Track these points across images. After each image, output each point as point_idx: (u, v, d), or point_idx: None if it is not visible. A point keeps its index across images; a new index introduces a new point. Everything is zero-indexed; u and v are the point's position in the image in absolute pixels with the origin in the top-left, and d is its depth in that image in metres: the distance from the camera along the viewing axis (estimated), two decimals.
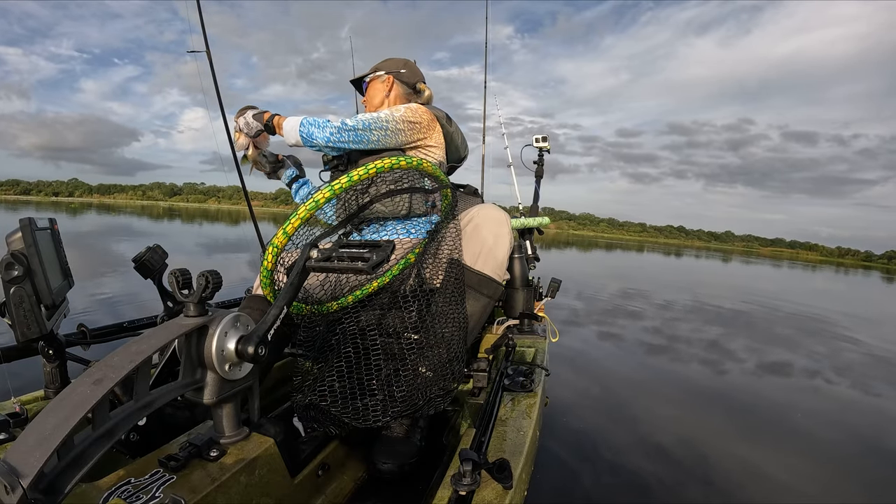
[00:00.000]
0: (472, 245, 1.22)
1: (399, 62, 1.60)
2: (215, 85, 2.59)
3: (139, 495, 0.60)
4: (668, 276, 11.55)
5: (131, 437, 0.91)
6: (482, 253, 1.22)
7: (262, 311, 1.26)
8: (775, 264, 30.33)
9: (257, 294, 1.30)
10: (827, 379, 3.16)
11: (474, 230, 1.23)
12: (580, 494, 1.46)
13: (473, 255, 1.22)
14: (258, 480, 0.73)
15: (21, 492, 0.45)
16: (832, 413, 2.52)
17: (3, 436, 0.80)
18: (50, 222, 0.93)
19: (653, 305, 5.90)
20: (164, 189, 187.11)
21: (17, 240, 0.79)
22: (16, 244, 0.79)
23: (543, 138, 2.89)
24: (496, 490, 0.73)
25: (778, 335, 4.72)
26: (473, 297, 1.21)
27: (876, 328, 6.20)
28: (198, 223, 18.78)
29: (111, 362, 0.60)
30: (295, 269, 0.84)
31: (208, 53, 2.57)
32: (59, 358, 0.98)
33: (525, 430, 0.97)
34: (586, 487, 1.50)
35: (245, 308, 1.28)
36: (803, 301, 8.25)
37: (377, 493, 1.03)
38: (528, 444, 0.93)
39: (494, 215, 1.26)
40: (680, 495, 1.51)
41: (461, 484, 0.69)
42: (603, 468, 1.64)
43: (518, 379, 1.29)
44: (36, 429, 0.51)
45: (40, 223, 0.87)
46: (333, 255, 0.84)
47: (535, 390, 1.23)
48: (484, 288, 1.22)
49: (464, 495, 0.69)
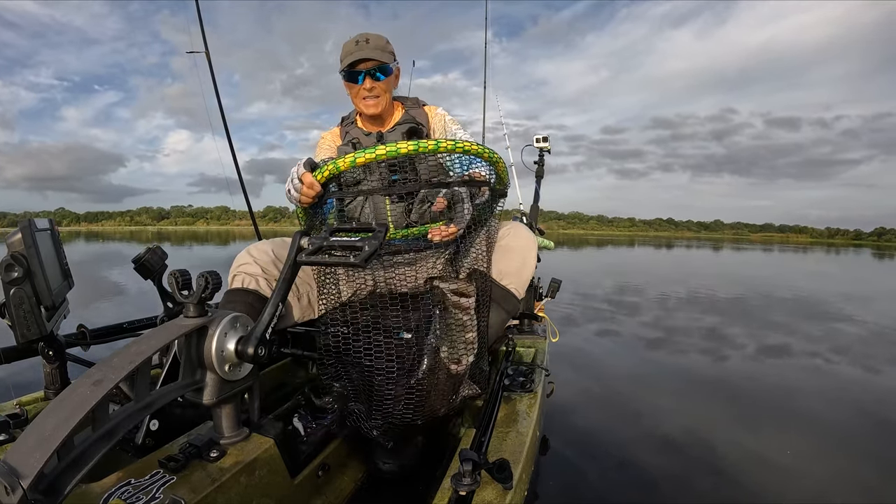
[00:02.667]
0: (501, 262, 1.27)
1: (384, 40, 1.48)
2: (214, 85, 2.60)
3: (139, 496, 0.60)
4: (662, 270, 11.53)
5: (147, 442, 0.89)
6: (510, 272, 1.27)
7: (245, 304, 1.23)
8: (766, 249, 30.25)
9: (236, 288, 1.27)
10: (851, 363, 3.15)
11: (506, 250, 1.29)
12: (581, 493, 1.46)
13: (501, 271, 1.27)
14: (258, 481, 0.73)
15: (21, 492, 0.45)
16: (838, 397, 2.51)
17: (4, 437, 0.80)
18: (50, 224, 0.93)
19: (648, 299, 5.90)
20: (151, 213, 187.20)
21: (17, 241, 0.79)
22: (16, 245, 0.79)
23: (544, 139, 2.90)
24: (496, 490, 0.73)
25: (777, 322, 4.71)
26: (495, 311, 1.25)
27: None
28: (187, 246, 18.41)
29: (111, 363, 0.60)
30: (286, 262, 0.83)
31: (207, 54, 2.58)
32: (59, 359, 0.98)
33: (525, 430, 0.97)
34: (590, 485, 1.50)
35: (227, 304, 1.26)
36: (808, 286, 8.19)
37: (377, 494, 1.03)
38: (528, 444, 0.93)
39: (526, 239, 1.32)
40: (686, 488, 1.51)
41: (461, 484, 0.69)
42: (607, 464, 1.63)
43: (518, 379, 1.29)
44: (36, 429, 0.51)
45: (40, 225, 0.87)
46: (325, 244, 0.82)
47: (535, 390, 1.23)
48: (506, 303, 1.27)
49: (464, 495, 0.69)
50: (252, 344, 0.74)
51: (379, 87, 1.40)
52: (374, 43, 1.37)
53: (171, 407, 0.92)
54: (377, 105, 1.41)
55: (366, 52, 1.35)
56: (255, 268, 1.26)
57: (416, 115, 1.50)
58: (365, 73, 1.37)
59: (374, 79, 1.38)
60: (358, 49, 1.36)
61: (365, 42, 1.37)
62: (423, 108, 1.53)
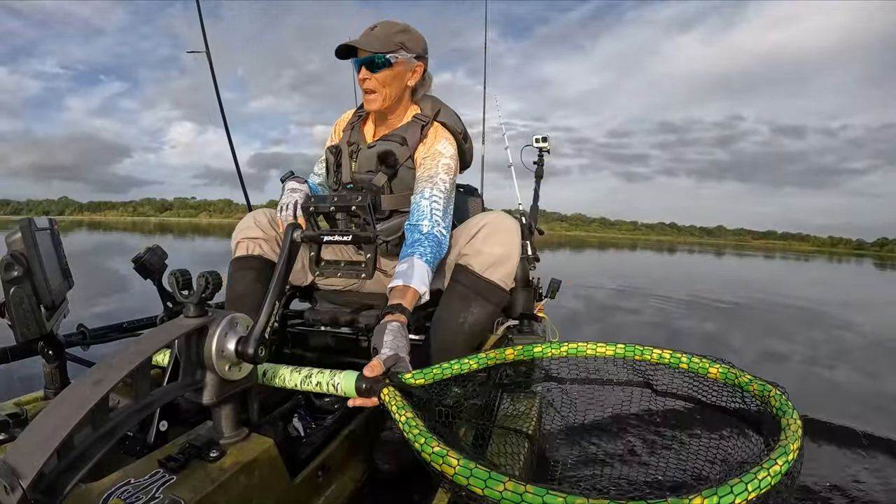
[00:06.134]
0: (483, 253, 1.19)
1: (418, 37, 1.30)
2: (214, 84, 2.60)
3: (139, 496, 0.60)
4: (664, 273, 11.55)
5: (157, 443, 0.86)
6: (493, 262, 1.19)
7: (254, 270, 1.31)
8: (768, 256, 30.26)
9: (240, 256, 1.33)
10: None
11: (486, 238, 1.20)
12: None
13: (483, 263, 1.19)
14: (258, 481, 0.73)
15: (21, 492, 0.45)
16: None
17: (3, 436, 0.79)
18: (50, 223, 0.93)
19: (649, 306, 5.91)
20: (154, 205, 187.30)
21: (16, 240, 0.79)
22: (16, 245, 0.79)
23: (543, 138, 2.90)
24: None
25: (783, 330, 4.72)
26: (481, 305, 1.19)
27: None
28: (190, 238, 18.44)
29: (111, 363, 0.60)
30: (280, 258, 0.84)
31: (208, 53, 2.58)
32: (59, 358, 0.98)
33: (525, 430, 0.97)
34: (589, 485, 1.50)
35: (236, 272, 1.31)
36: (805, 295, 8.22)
37: (377, 494, 1.03)
38: (528, 444, 0.94)
39: (506, 224, 1.22)
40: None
41: None
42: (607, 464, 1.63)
43: (518, 379, 1.29)
44: (36, 429, 0.51)
45: (40, 223, 0.87)
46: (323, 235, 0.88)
47: (534, 391, 1.23)
48: (492, 296, 1.20)
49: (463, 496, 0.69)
50: (252, 344, 0.74)
51: (374, 81, 1.26)
52: (380, 31, 1.25)
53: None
54: (375, 101, 1.28)
55: (358, 41, 1.24)
56: (257, 231, 1.33)
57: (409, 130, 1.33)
58: (361, 61, 1.25)
59: (370, 69, 1.25)
60: (361, 36, 1.26)
61: (370, 29, 1.26)
62: (429, 125, 1.34)
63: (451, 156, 1.30)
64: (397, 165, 1.31)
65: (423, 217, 1.21)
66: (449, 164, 1.29)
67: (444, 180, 1.26)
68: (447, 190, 1.27)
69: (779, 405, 0.67)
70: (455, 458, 0.57)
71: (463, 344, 1.20)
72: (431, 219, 1.20)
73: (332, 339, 1.46)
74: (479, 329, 1.23)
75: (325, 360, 1.47)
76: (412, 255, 1.11)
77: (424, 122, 1.34)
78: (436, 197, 1.23)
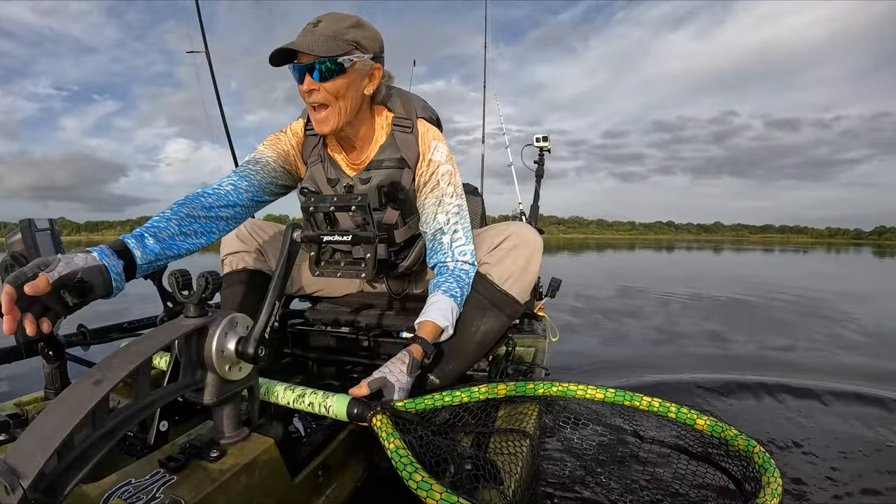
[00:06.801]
0: (504, 264, 1.17)
1: (374, 33, 1.03)
2: (214, 84, 2.60)
3: (139, 496, 0.60)
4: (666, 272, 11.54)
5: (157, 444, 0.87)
6: (512, 274, 1.17)
7: (241, 283, 1.32)
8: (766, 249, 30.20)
9: (227, 273, 1.34)
10: None
11: (510, 250, 1.18)
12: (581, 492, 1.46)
13: (503, 274, 1.16)
14: (258, 481, 0.73)
15: (21, 492, 0.45)
16: None
17: (3, 436, 0.80)
18: (49, 223, 0.94)
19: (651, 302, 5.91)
20: None
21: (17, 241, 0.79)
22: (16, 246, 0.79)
23: (544, 138, 2.90)
24: (496, 490, 0.73)
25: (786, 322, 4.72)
26: (495, 316, 1.17)
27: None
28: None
29: (111, 363, 0.60)
30: (279, 259, 0.85)
31: (207, 53, 2.58)
32: (59, 359, 0.98)
33: (525, 430, 0.97)
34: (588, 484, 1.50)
35: (225, 289, 1.33)
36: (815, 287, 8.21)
37: (377, 494, 1.03)
38: (528, 444, 0.94)
39: (531, 239, 1.18)
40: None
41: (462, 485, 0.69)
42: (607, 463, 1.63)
43: (517, 379, 1.30)
44: (36, 429, 0.51)
45: (40, 224, 0.87)
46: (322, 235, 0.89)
47: None
48: (507, 308, 1.19)
49: None
50: (252, 344, 0.74)
51: (324, 93, 0.98)
52: (326, 27, 0.95)
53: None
54: (328, 120, 1.01)
55: (299, 42, 0.94)
56: (238, 244, 1.35)
57: (401, 144, 1.14)
58: (303, 68, 0.95)
59: (317, 78, 0.96)
60: (302, 34, 0.97)
61: (313, 26, 0.96)
62: (415, 128, 1.16)
63: (448, 157, 1.19)
64: (407, 198, 1.19)
65: (447, 256, 1.16)
66: (449, 169, 1.18)
67: (451, 194, 1.17)
68: (459, 206, 1.18)
69: (762, 462, 0.69)
70: (438, 491, 0.60)
71: (473, 352, 1.19)
72: (454, 255, 1.16)
73: (332, 338, 1.46)
74: (491, 339, 1.21)
75: (325, 359, 1.47)
76: (437, 291, 1.12)
77: (409, 126, 1.16)
78: (453, 225, 1.17)
